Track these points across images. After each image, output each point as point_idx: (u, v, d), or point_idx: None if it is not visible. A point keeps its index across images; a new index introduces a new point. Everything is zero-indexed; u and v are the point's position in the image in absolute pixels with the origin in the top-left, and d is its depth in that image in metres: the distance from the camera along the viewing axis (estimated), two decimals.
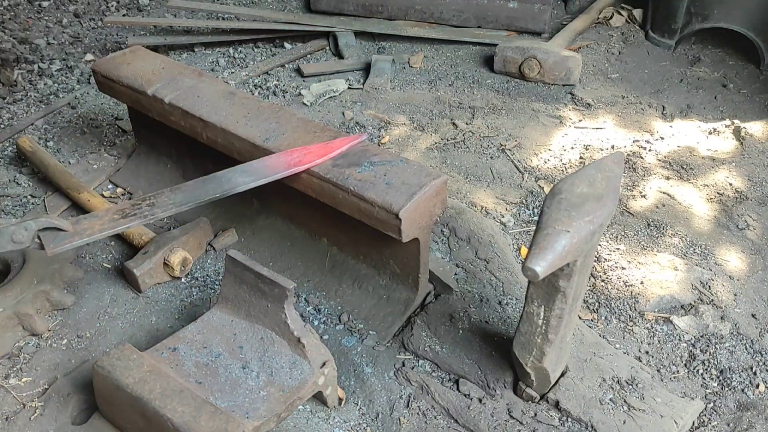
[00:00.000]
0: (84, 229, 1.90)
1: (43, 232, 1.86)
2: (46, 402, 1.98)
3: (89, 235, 1.88)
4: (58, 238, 1.86)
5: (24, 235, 1.83)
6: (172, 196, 2.02)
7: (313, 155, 2.10)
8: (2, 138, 3.16)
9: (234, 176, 2.08)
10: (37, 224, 1.84)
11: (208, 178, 2.08)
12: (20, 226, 1.82)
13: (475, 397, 2.01)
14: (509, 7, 4.11)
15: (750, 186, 2.90)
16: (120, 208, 1.98)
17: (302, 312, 2.32)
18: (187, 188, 2.05)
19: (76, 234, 1.88)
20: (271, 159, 2.12)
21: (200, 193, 2.02)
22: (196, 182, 2.07)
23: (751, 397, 2.06)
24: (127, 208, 1.97)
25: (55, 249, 1.84)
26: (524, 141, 3.20)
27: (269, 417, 1.75)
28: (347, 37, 4.03)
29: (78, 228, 1.89)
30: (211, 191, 2.03)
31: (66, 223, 1.88)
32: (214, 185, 2.05)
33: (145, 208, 1.96)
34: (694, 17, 3.88)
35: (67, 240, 1.86)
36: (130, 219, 1.93)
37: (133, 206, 1.98)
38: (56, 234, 1.86)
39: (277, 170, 2.07)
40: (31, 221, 1.84)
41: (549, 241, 1.47)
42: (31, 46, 3.95)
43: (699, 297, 2.37)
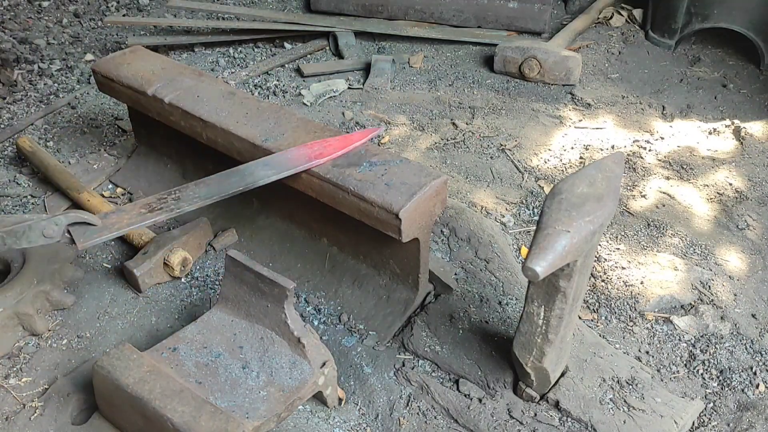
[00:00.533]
0: (112, 223, 1.93)
1: (73, 227, 1.89)
2: (46, 402, 1.98)
3: (118, 229, 1.91)
4: (88, 233, 1.89)
5: (55, 230, 1.86)
6: (197, 189, 2.04)
7: (333, 148, 2.11)
8: (2, 138, 3.16)
9: (256, 169, 2.09)
10: (67, 219, 1.87)
11: (231, 171, 2.10)
12: (51, 221, 1.85)
13: (475, 397, 2.01)
14: (509, 7, 4.11)
15: (750, 186, 2.90)
16: (147, 202, 2.00)
17: (302, 312, 2.32)
18: (211, 182, 2.07)
19: (105, 228, 1.91)
20: (291, 152, 2.13)
21: (224, 187, 2.04)
22: (219, 176, 2.09)
23: (751, 397, 2.06)
24: (154, 203, 1.99)
25: (86, 243, 1.87)
26: (524, 141, 3.20)
27: (269, 417, 1.75)
28: (347, 37, 4.03)
29: (106, 222, 1.92)
30: (235, 184, 2.05)
31: (95, 218, 1.91)
32: (237, 178, 2.07)
33: (171, 202, 1.99)
34: (694, 17, 3.88)
35: (96, 234, 1.89)
36: (157, 213, 1.96)
37: (159, 200, 2.00)
38: (86, 228, 1.89)
39: (298, 163, 2.08)
40: (62, 216, 1.87)
41: (549, 241, 1.47)
42: (31, 46, 3.95)
43: (699, 297, 2.37)
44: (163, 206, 1.97)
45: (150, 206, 1.97)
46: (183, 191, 2.03)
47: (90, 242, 1.87)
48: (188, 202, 1.99)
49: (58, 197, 2.78)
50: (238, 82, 3.65)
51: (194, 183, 2.06)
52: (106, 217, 1.94)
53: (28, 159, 2.92)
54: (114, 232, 1.90)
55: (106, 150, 3.08)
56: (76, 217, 1.88)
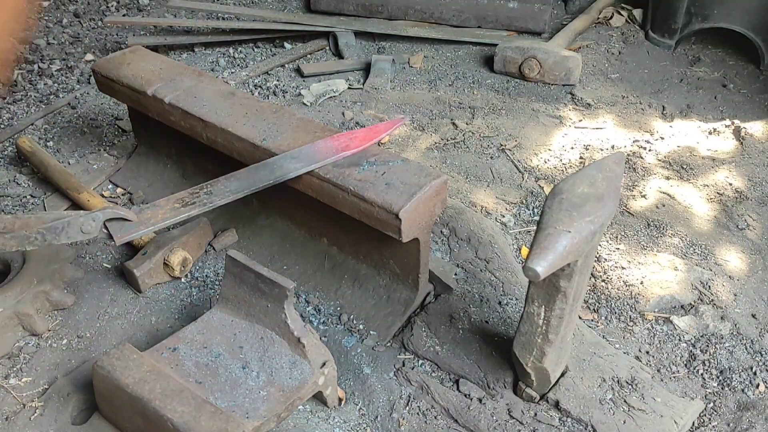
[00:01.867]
0: (148, 218, 1.96)
1: (110, 222, 1.92)
2: (46, 402, 1.98)
3: (153, 224, 1.95)
4: (125, 228, 1.93)
5: (92, 226, 1.90)
6: (228, 183, 2.07)
7: (360, 140, 2.13)
8: (2, 138, 3.16)
9: (285, 163, 2.11)
10: (104, 215, 1.91)
11: (260, 165, 2.12)
12: (88, 217, 1.89)
13: (475, 397, 2.01)
14: (509, 7, 4.11)
15: (750, 186, 2.90)
16: (180, 197, 2.03)
17: (302, 312, 2.31)
18: (241, 176, 2.09)
19: (141, 223, 1.94)
20: (318, 145, 2.15)
21: (254, 180, 2.07)
22: (249, 170, 2.12)
23: (751, 397, 2.06)
24: (186, 197, 2.02)
25: (123, 238, 1.91)
26: (524, 141, 3.20)
27: (269, 417, 1.75)
28: (347, 37, 4.03)
29: (142, 217, 1.96)
30: (265, 178, 2.07)
31: (131, 213, 1.94)
32: (267, 172, 2.09)
33: (204, 197, 2.02)
34: (694, 17, 3.88)
35: (132, 229, 1.93)
36: (190, 207, 1.99)
37: (191, 195, 2.03)
38: (122, 224, 1.93)
39: (326, 155, 2.10)
40: (99, 212, 1.90)
41: (550, 241, 1.47)
42: (31, 46, 3.95)
43: (699, 297, 2.37)
44: (196, 200, 2.01)
45: (183, 201, 2.01)
46: (214, 185, 2.06)
47: (127, 237, 1.91)
48: (220, 196, 2.03)
49: (57, 197, 2.78)
50: (238, 82, 3.65)
51: (224, 177, 2.09)
52: (142, 213, 1.97)
53: (28, 159, 2.92)
54: (150, 226, 1.94)
55: (106, 150, 3.08)
56: (113, 213, 1.92)
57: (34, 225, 1.86)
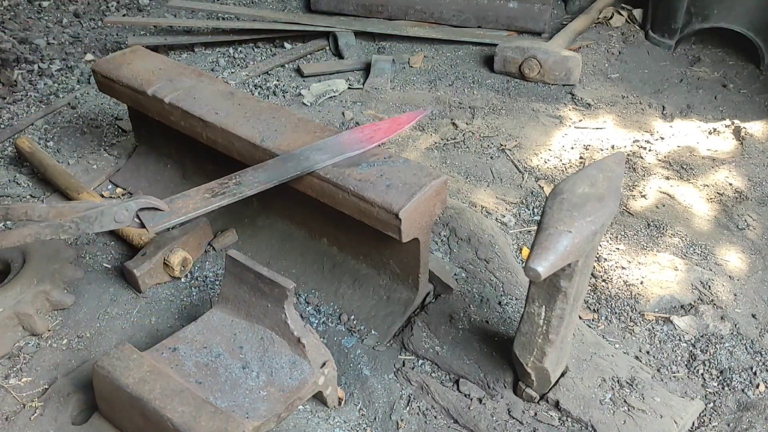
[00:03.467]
0: (179, 208, 1.98)
1: (142, 212, 1.94)
2: (46, 402, 1.98)
3: (184, 214, 1.96)
4: (157, 217, 1.95)
5: (125, 215, 1.92)
6: (256, 174, 2.08)
7: (384, 131, 2.15)
8: (2, 138, 3.15)
9: (311, 154, 2.12)
10: (137, 204, 1.93)
11: (286, 157, 2.13)
12: (122, 207, 1.91)
13: (475, 397, 2.01)
14: (509, 7, 4.12)
15: (750, 186, 2.90)
16: (209, 187, 2.04)
17: (302, 312, 2.31)
18: (269, 167, 2.11)
19: (172, 213, 1.96)
20: (343, 136, 2.17)
21: (282, 171, 2.08)
22: (275, 161, 2.13)
23: (751, 397, 2.06)
24: (216, 187, 2.04)
25: (156, 227, 1.93)
26: (524, 141, 3.20)
27: (269, 417, 1.75)
28: (347, 37, 4.03)
29: (173, 207, 1.98)
30: (292, 169, 2.08)
31: (162, 203, 1.96)
32: (294, 163, 2.10)
33: (233, 187, 2.04)
34: (694, 17, 3.88)
35: (165, 219, 1.95)
36: (220, 198, 2.00)
37: (221, 185, 2.04)
38: (154, 213, 1.95)
39: (351, 147, 2.11)
40: (132, 202, 1.93)
41: (551, 242, 1.47)
42: (31, 46, 3.94)
43: (699, 297, 2.37)
44: (225, 191, 2.02)
45: (213, 191, 2.02)
46: (243, 176, 2.08)
47: (159, 226, 1.93)
48: (249, 186, 2.04)
49: (57, 198, 2.78)
50: (238, 82, 3.65)
51: (252, 168, 2.11)
52: (173, 202, 1.99)
53: (28, 159, 2.92)
54: (182, 216, 1.96)
55: (106, 150, 3.08)
56: (146, 203, 1.94)
57: (68, 214, 1.89)
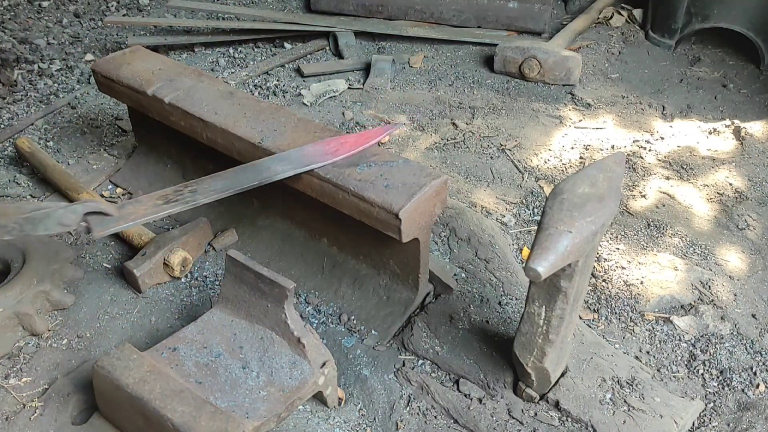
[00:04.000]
0: (129, 213, 1.93)
1: (90, 216, 1.89)
2: (46, 402, 1.98)
3: (133, 219, 1.91)
4: (104, 222, 1.89)
5: (71, 218, 1.86)
6: (213, 182, 2.04)
7: (350, 145, 2.11)
8: (2, 138, 3.15)
9: (272, 165, 2.09)
10: (84, 208, 1.87)
11: (247, 166, 2.10)
12: (68, 210, 1.85)
13: (475, 397, 2.01)
14: (509, 7, 4.11)
15: (750, 186, 2.90)
16: (163, 193, 2.00)
17: (302, 312, 2.31)
18: (227, 175, 2.07)
19: (121, 218, 1.91)
20: (308, 148, 2.13)
21: (240, 181, 2.05)
22: (235, 170, 2.09)
23: (751, 397, 2.06)
24: (170, 194, 2.00)
25: (102, 232, 1.87)
26: (524, 141, 3.20)
27: (269, 417, 1.75)
28: (347, 37, 4.03)
29: (123, 212, 1.93)
30: (251, 179, 2.05)
31: (111, 208, 1.91)
32: (253, 173, 2.07)
33: (187, 194, 1.99)
34: (694, 17, 3.88)
35: (112, 224, 1.89)
36: (173, 204, 1.96)
37: (175, 192, 2.00)
38: (102, 218, 1.90)
39: (315, 159, 2.08)
40: (79, 205, 1.87)
41: (551, 242, 1.47)
42: (31, 46, 3.94)
43: (699, 297, 2.37)
44: (179, 198, 1.98)
45: (166, 197, 1.99)
46: (199, 184, 2.04)
47: (106, 231, 1.88)
48: (204, 194, 2.00)
49: (57, 198, 2.78)
50: (238, 82, 3.65)
51: (210, 176, 2.07)
52: (123, 207, 1.95)
53: (27, 160, 2.92)
54: (130, 222, 1.91)
55: (106, 150, 3.08)
56: (93, 207, 1.89)
57: (13, 214, 1.82)
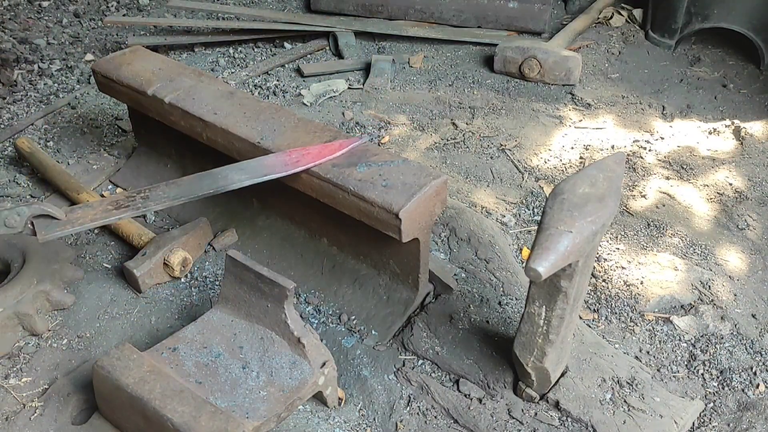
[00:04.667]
0: (77, 218, 1.91)
1: (37, 219, 1.87)
2: (46, 402, 1.98)
3: (81, 224, 1.90)
4: (51, 226, 1.87)
5: (16, 221, 1.85)
6: (167, 190, 2.03)
7: (312, 156, 2.09)
8: (2, 138, 3.15)
9: (230, 173, 2.08)
10: (30, 210, 1.86)
11: (204, 174, 2.09)
12: (13, 212, 1.85)
13: (475, 397, 2.01)
14: (509, 7, 4.11)
15: (750, 186, 2.90)
16: (114, 199, 1.99)
17: (302, 312, 2.31)
18: (182, 183, 2.06)
19: (68, 222, 1.89)
20: (268, 159, 2.12)
21: (195, 188, 2.03)
22: (191, 178, 2.08)
23: (751, 397, 2.06)
24: (121, 200, 1.98)
25: (47, 236, 1.85)
26: (524, 141, 3.20)
27: (269, 417, 1.75)
28: (347, 37, 4.03)
29: (71, 217, 1.91)
30: (206, 187, 2.04)
31: (59, 211, 1.89)
32: (209, 181, 2.06)
33: (139, 201, 1.98)
34: (694, 17, 3.88)
35: (59, 228, 1.87)
36: (123, 210, 1.94)
37: (127, 198, 1.99)
38: (49, 221, 1.88)
39: (273, 170, 2.07)
40: (24, 207, 1.86)
41: (552, 242, 1.47)
42: (31, 46, 3.94)
43: (699, 297, 2.37)
44: (130, 204, 1.96)
45: (117, 203, 1.97)
46: (153, 191, 2.02)
47: (51, 235, 1.86)
48: (156, 201, 1.98)
49: (57, 198, 2.78)
50: (238, 82, 3.65)
51: (165, 183, 2.06)
52: (72, 212, 1.93)
53: (27, 160, 2.92)
54: (77, 226, 1.89)
55: (106, 150, 3.08)
56: (40, 210, 1.87)
57: None
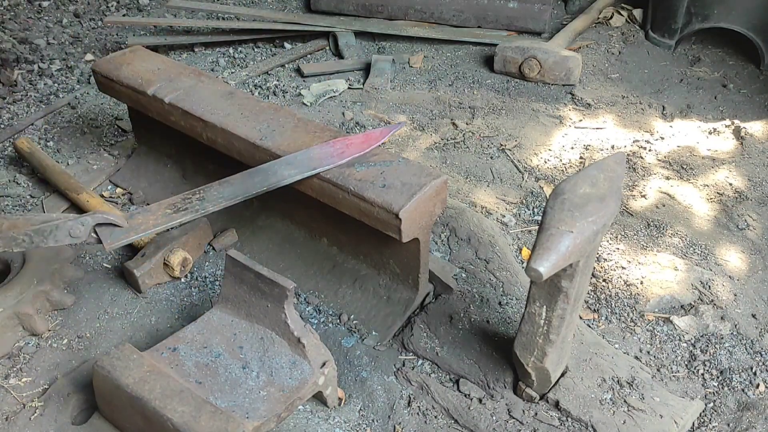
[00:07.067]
0: (139, 224, 1.92)
1: (100, 228, 1.88)
2: (46, 402, 1.98)
3: (144, 230, 1.91)
4: (115, 234, 1.89)
5: (81, 230, 1.86)
6: (221, 189, 2.03)
7: (356, 146, 2.09)
8: (2, 138, 3.15)
9: (280, 169, 2.07)
10: (93, 219, 1.87)
11: (254, 171, 2.09)
12: (77, 222, 1.85)
13: (475, 397, 2.01)
14: (509, 7, 4.11)
15: (750, 186, 2.90)
16: (172, 202, 1.99)
17: (302, 312, 2.31)
18: (235, 181, 2.06)
19: (131, 229, 1.90)
20: (315, 150, 2.11)
21: (248, 187, 2.03)
22: (242, 175, 2.08)
23: (751, 397, 2.06)
24: (179, 203, 1.99)
25: (113, 244, 1.87)
26: (524, 141, 3.20)
27: (269, 417, 1.75)
28: (347, 37, 4.03)
29: (133, 223, 1.92)
30: (259, 184, 2.04)
31: (121, 219, 1.90)
32: (261, 178, 2.05)
33: (196, 203, 1.99)
34: (694, 17, 3.88)
35: (123, 235, 1.89)
36: (182, 213, 1.95)
37: (184, 200, 2.00)
38: (112, 229, 1.89)
39: (322, 162, 2.06)
40: (88, 217, 1.87)
41: (553, 242, 1.47)
42: (31, 46, 3.94)
43: (699, 297, 2.37)
44: (188, 206, 1.97)
45: (175, 206, 1.98)
46: (207, 191, 2.03)
47: (117, 243, 1.87)
48: (213, 202, 1.99)
49: (56, 198, 2.78)
50: (238, 82, 3.65)
51: (218, 183, 2.06)
52: (132, 218, 1.94)
53: (26, 160, 2.92)
54: (141, 233, 1.90)
55: (106, 150, 3.08)
56: (103, 218, 1.88)
57: (22, 227, 1.83)
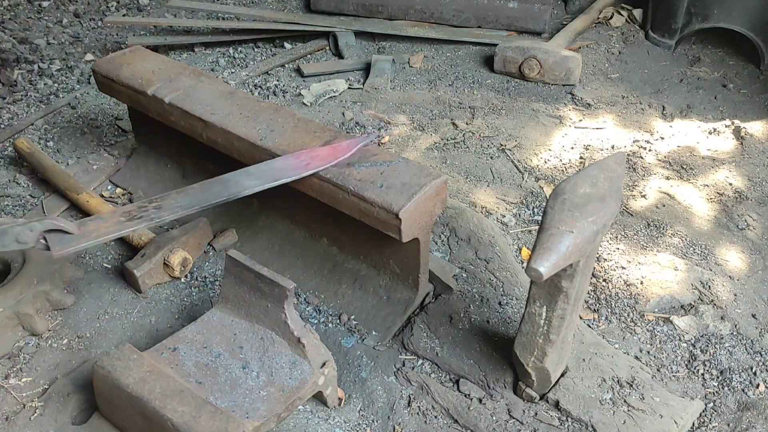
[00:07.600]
0: (90, 231, 1.87)
1: (49, 234, 1.83)
2: (46, 402, 1.98)
3: (95, 238, 1.86)
4: (64, 240, 1.83)
5: (29, 236, 1.81)
6: (179, 198, 1.99)
7: (322, 159, 2.06)
8: (2, 138, 3.15)
9: (241, 179, 2.05)
10: (42, 225, 1.82)
11: (214, 180, 2.05)
12: (26, 227, 1.81)
13: (475, 397, 2.01)
14: (509, 7, 4.11)
15: (750, 186, 2.90)
16: (126, 210, 1.95)
17: (302, 312, 2.31)
18: (193, 191, 2.02)
19: (81, 236, 1.85)
20: (278, 162, 2.09)
21: (207, 196, 2.00)
22: (202, 185, 2.04)
23: (751, 397, 2.06)
24: (134, 211, 1.94)
25: (61, 251, 1.81)
26: (524, 141, 3.20)
27: (269, 417, 1.75)
28: (347, 37, 4.03)
29: (84, 230, 1.87)
30: (218, 194, 2.00)
31: (72, 225, 1.85)
32: (221, 188, 2.02)
33: (152, 211, 1.94)
34: (694, 17, 3.88)
35: (72, 242, 1.83)
36: (137, 222, 1.90)
37: (139, 209, 1.95)
38: (62, 236, 1.84)
39: (284, 174, 2.04)
40: (37, 222, 1.82)
41: (553, 242, 1.47)
42: (31, 46, 3.94)
43: (699, 297, 2.37)
44: (143, 215, 1.92)
45: (130, 214, 1.93)
46: (164, 200, 1.98)
47: (65, 251, 1.81)
48: (169, 211, 1.94)
49: (56, 198, 2.78)
50: (238, 82, 3.65)
51: (176, 192, 2.02)
52: (84, 225, 1.88)
53: (26, 160, 2.92)
54: (91, 240, 1.85)
55: (106, 150, 3.08)
56: (52, 224, 1.83)
57: None
